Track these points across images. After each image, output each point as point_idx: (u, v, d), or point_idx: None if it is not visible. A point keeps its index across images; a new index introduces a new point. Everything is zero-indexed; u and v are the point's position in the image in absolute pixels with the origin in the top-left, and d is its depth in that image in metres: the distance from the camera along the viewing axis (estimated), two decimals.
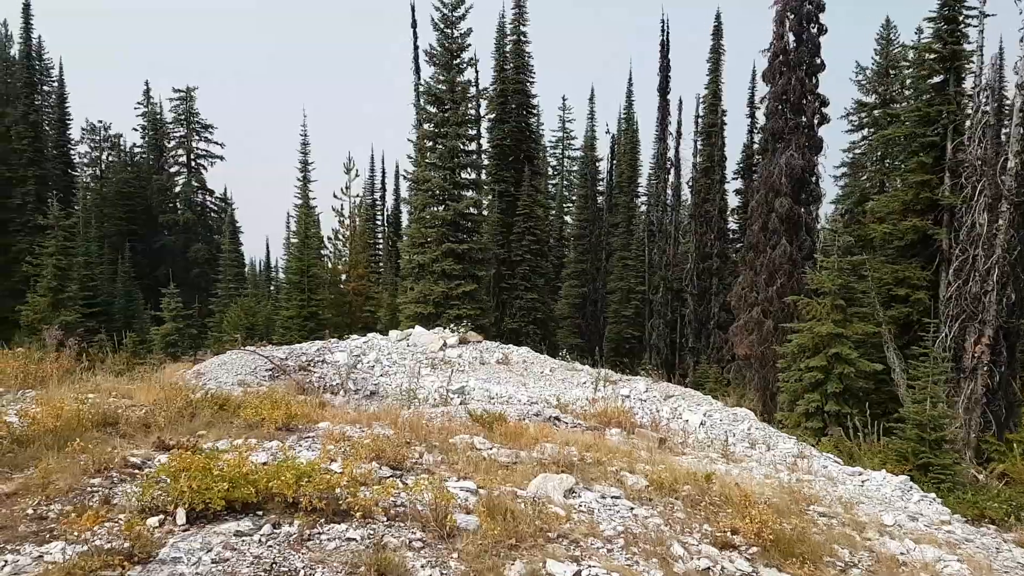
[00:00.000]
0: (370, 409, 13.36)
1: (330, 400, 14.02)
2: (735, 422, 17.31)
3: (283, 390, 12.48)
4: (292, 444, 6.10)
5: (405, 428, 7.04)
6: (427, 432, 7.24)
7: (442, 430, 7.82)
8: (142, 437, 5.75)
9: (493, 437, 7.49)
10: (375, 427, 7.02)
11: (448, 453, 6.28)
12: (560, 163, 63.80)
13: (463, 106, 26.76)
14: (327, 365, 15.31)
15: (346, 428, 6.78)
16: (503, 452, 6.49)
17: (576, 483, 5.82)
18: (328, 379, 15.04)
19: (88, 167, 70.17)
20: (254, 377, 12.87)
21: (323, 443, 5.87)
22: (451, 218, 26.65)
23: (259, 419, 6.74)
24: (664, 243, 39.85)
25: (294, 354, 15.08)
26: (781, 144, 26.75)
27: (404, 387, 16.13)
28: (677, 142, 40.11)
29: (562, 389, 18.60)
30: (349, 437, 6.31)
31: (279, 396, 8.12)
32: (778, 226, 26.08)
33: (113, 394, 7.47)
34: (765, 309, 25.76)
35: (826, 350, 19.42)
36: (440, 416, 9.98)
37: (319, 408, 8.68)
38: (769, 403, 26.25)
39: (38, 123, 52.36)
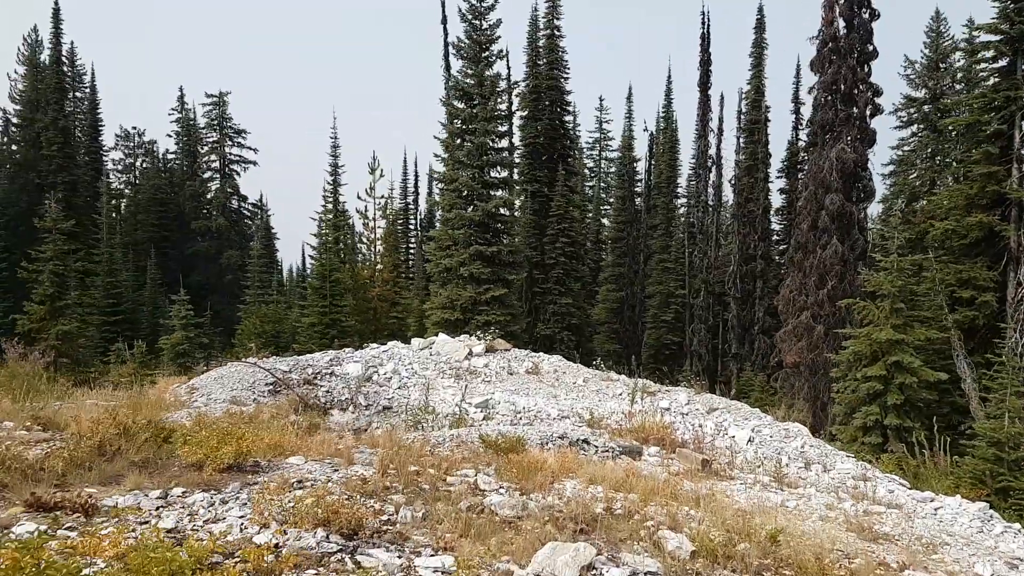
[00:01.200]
0: (378, 430, 12.18)
1: (336, 418, 12.90)
2: (787, 438, 15.81)
3: (280, 407, 11.39)
4: (229, 496, 4.90)
5: (391, 465, 5.79)
6: (422, 467, 6.00)
7: (443, 463, 6.60)
8: (21, 488, 4.52)
9: (504, 473, 6.23)
10: (356, 464, 5.81)
11: (437, 503, 5.03)
12: (597, 165, 62.46)
13: (492, 101, 25.58)
14: (335, 378, 14.20)
15: (315, 467, 5.58)
16: (509, 502, 5.19)
17: (597, 553, 4.36)
18: (336, 393, 13.94)
19: (122, 173, 70.73)
20: (251, 393, 11.80)
21: (265, 496, 4.63)
22: (480, 219, 25.46)
23: (202, 458, 5.54)
24: (705, 245, 38.13)
25: (299, 366, 13.99)
26: (831, 137, 25.02)
27: (421, 402, 14.98)
28: (719, 139, 38.42)
29: (596, 401, 17.36)
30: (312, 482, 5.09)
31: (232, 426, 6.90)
32: (828, 224, 24.35)
33: (28, 423, 6.34)
34: (815, 313, 24.03)
35: (885, 358, 17.72)
36: (449, 442, 8.78)
37: (305, 434, 7.52)
38: (820, 414, 24.50)
39: (68, 129, 52.53)
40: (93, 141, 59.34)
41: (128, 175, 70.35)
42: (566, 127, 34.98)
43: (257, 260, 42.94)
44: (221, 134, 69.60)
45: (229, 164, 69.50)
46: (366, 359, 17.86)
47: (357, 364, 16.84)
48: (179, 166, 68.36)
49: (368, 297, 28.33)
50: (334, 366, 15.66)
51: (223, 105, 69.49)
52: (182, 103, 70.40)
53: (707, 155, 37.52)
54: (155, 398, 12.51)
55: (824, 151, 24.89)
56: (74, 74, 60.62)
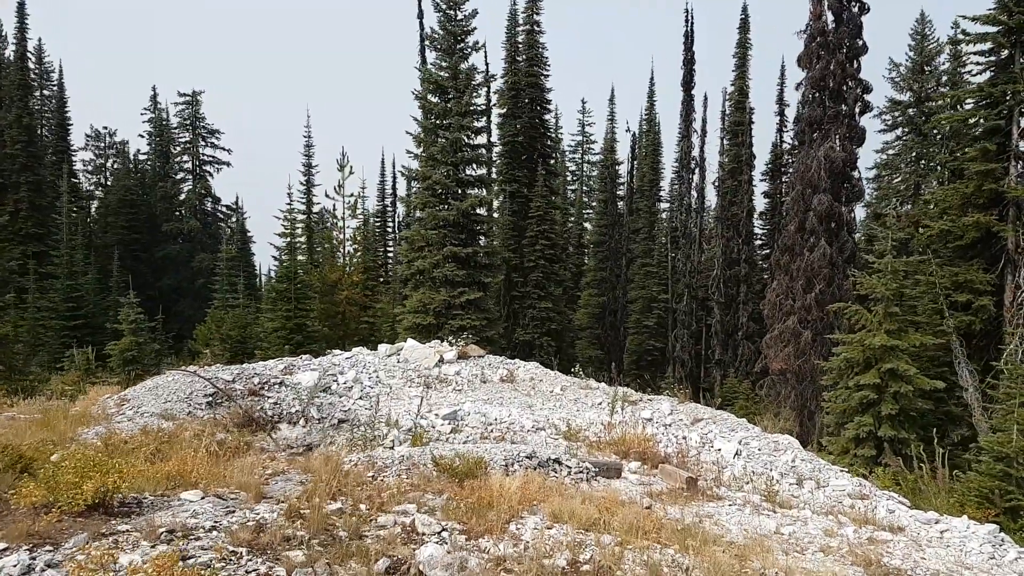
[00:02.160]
0: (332, 446, 10.94)
1: (284, 433, 11.65)
2: (776, 452, 14.77)
3: (216, 422, 10.12)
4: (54, 559, 3.66)
5: (308, 502, 4.60)
6: (355, 501, 4.81)
7: (383, 493, 5.41)
8: None
9: (452, 509, 5.06)
10: (265, 500, 4.61)
11: (349, 560, 3.84)
12: (580, 168, 61.66)
13: (467, 95, 24.41)
14: (286, 388, 12.93)
15: (208, 507, 4.38)
16: (444, 559, 3.98)
17: None
18: (286, 405, 12.66)
19: (92, 174, 69.15)
20: (186, 405, 10.51)
21: (85, 567, 3.40)
22: (454, 218, 24.26)
23: (49, 498, 4.30)
24: (688, 248, 37.19)
25: (244, 375, 12.72)
26: (819, 135, 24.13)
27: (383, 413, 13.76)
28: (702, 141, 37.50)
29: (574, 411, 16.07)
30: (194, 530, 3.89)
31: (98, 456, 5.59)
32: (816, 226, 23.42)
33: None
34: (802, 318, 23.07)
35: (879, 365, 16.73)
36: (398, 464, 7.59)
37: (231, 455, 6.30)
38: (807, 423, 23.53)
39: (32, 127, 50.76)
40: (61, 140, 57.77)
41: (99, 176, 68.81)
42: (546, 126, 33.92)
43: (226, 263, 41.37)
44: (194, 134, 68.07)
45: (202, 165, 67.98)
46: (325, 367, 16.59)
47: (314, 372, 15.57)
48: (151, 167, 66.62)
49: (336, 301, 26.99)
50: (286, 375, 14.39)
51: (196, 104, 67.94)
52: (155, 103, 68.83)
53: (690, 156, 36.61)
54: (80, 411, 11.20)
55: (812, 150, 23.99)
56: (41, 71, 59.05)
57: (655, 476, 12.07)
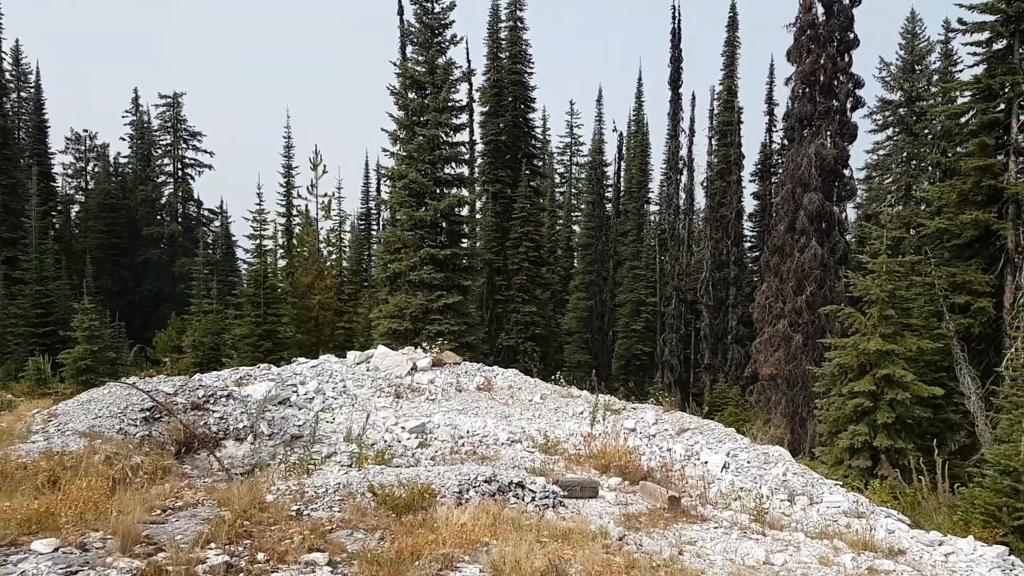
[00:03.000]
0: (282, 465, 9.98)
1: (229, 450, 10.67)
2: (766, 464, 13.95)
3: (145, 443, 9.13)
4: None
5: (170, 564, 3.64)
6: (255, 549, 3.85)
7: (296, 535, 4.45)
8: None
9: (373, 556, 4.11)
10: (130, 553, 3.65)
11: None
12: (568, 170, 60.91)
13: (445, 90, 23.48)
14: (234, 401, 11.92)
15: (46, 566, 3.43)
16: None
17: None
18: (234, 420, 11.66)
19: (73, 178, 68.07)
20: (119, 421, 9.51)
21: None
22: (432, 219, 23.31)
23: None
24: (676, 250, 36.32)
25: (189, 387, 11.71)
26: (809, 131, 23.33)
27: (343, 427, 12.79)
28: (690, 140, 36.68)
29: (553, 421, 14.74)
30: None
31: None
32: (807, 225, 22.59)
33: None
34: (793, 321, 22.22)
35: (874, 371, 15.87)
36: (331, 494, 6.63)
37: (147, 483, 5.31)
38: (799, 431, 22.67)
39: (8, 129, 49.59)
40: (38, 143, 56.71)
41: (79, 180, 67.71)
42: (530, 125, 33.00)
43: (203, 267, 40.21)
44: (175, 136, 66.97)
45: (184, 168, 66.85)
46: (284, 377, 15.59)
47: (271, 383, 14.57)
48: (132, 170, 65.47)
49: (309, 306, 25.94)
50: (241, 385, 13.37)
51: (177, 107, 66.87)
52: (137, 105, 67.69)
53: (678, 156, 35.77)
54: (5, 427, 10.18)
55: (802, 147, 23.18)
56: (19, 73, 57.91)
57: (635, 494, 11.16)
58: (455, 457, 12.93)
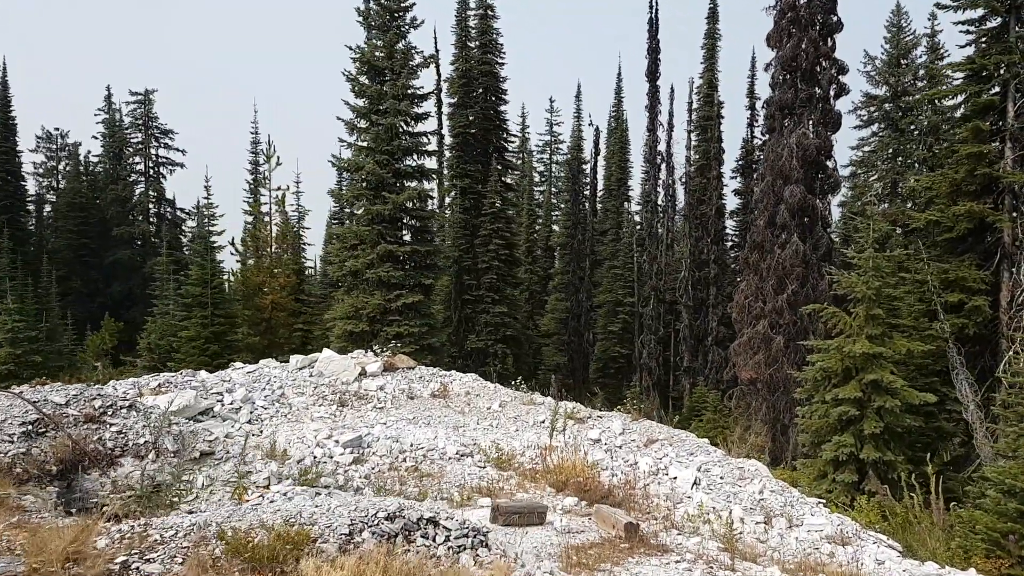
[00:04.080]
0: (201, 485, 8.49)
1: (126, 469, 9.09)
2: (741, 480, 12.54)
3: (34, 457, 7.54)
4: None
5: None
6: None
7: None
8: None
9: None
10: None
11: None
12: (548, 168, 59.57)
13: (405, 77, 21.94)
14: (136, 413, 10.31)
15: None
16: None
17: None
18: (134, 434, 10.05)
19: (44, 177, 66.36)
20: None
21: None
22: (390, 213, 21.72)
23: None
24: (655, 249, 34.91)
25: (85, 396, 10.10)
26: (790, 120, 21.97)
27: (274, 441, 11.24)
28: (669, 135, 35.30)
29: (511, 432, 13.48)
30: None
31: None
32: (788, 220, 21.22)
33: None
34: (773, 322, 20.82)
35: (860, 376, 14.46)
36: (181, 537, 5.12)
37: None
38: (780, 439, 21.26)
39: None
40: (5, 140, 55.00)
41: (50, 179, 66.01)
42: (502, 118, 31.48)
43: (165, 267, 38.43)
44: (146, 134, 65.13)
45: (155, 166, 65.09)
46: (209, 384, 14.00)
47: (192, 391, 12.98)
48: (103, 169, 63.78)
49: (261, 306, 24.31)
50: (156, 394, 11.82)
51: (148, 104, 64.98)
52: (109, 103, 65.94)
53: (656, 151, 34.38)
54: None
55: (783, 136, 21.81)
56: None
57: (589, 519, 9.67)
58: (393, 475, 11.49)
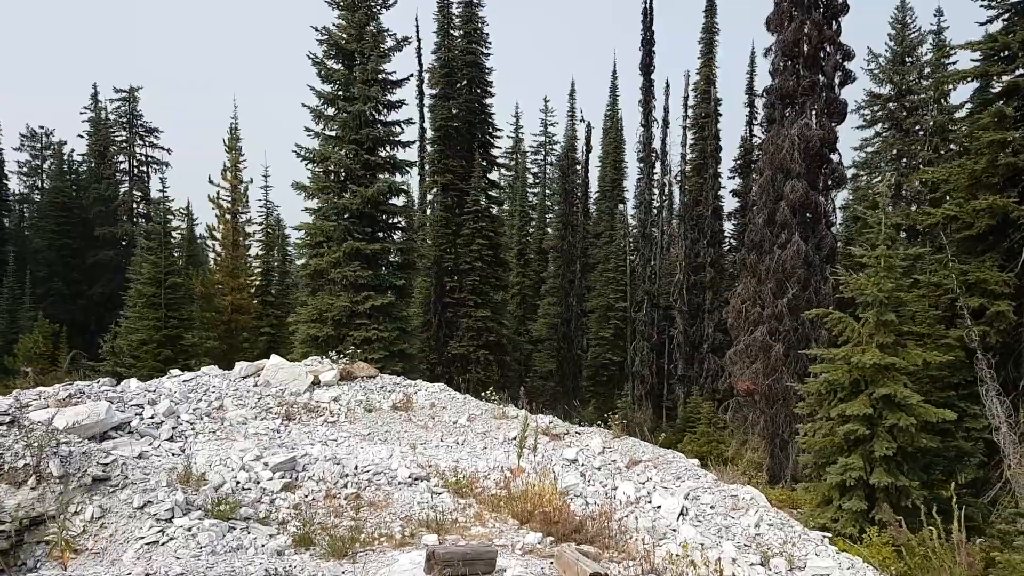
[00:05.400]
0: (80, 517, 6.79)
1: None
2: (735, 510, 11.15)
3: None
4: None
5: None
6: None
7: None
8: None
9: None
10: None
11: None
12: (542, 170, 57.99)
13: (375, 60, 20.29)
14: (18, 430, 8.59)
15: None
16: None
17: None
18: (13, 456, 8.35)
19: (28, 176, 65.16)
20: None
21: None
22: (358, 207, 20.04)
23: None
24: (649, 251, 33.21)
25: None
26: (791, 110, 20.32)
27: (188, 464, 9.54)
28: (664, 132, 33.65)
29: (478, 450, 12.10)
30: None
31: None
32: (789, 218, 19.53)
33: None
34: (772, 329, 19.10)
35: (870, 390, 12.77)
36: None
37: None
38: (779, 455, 19.51)
39: None
40: None
41: (34, 178, 64.75)
42: (488, 111, 29.81)
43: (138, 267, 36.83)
44: (131, 132, 63.64)
45: (140, 165, 63.64)
46: (129, 396, 12.25)
47: (107, 403, 11.22)
48: (87, 168, 62.50)
49: (220, 308, 22.61)
50: (65, 405, 10.13)
51: (133, 101, 63.50)
52: (95, 100, 64.53)
53: (650, 148, 32.71)
54: None
55: (783, 127, 20.14)
56: None
57: (549, 566, 7.98)
58: (330, 504, 9.78)
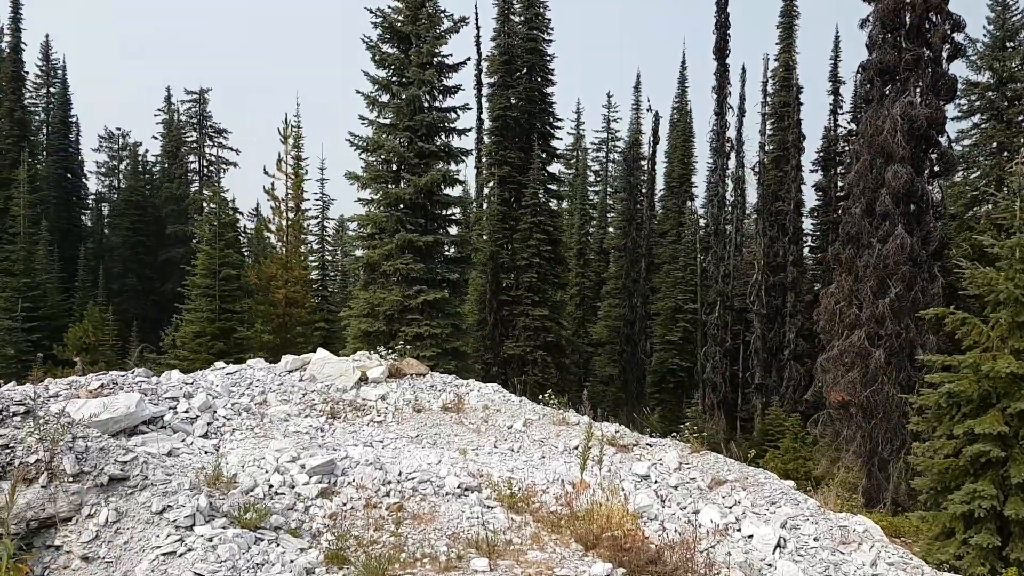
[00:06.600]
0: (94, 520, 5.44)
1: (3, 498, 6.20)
2: (845, 545, 9.48)
3: None
4: None
5: None
6: None
7: None
8: None
9: None
10: None
11: None
12: (604, 168, 56.24)
13: (430, 42, 19.04)
14: (33, 422, 7.48)
15: None
16: None
17: None
18: (24, 450, 7.27)
19: (105, 176, 67.92)
20: None
21: None
22: (411, 197, 18.81)
23: None
24: (721, 249, 31.01)
25: None
26: (892, 87, 18.14)
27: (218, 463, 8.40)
28: (739, 121, 31.38)
29: (535, 459, 10.74)
30: None
31: None
32: (891, 208, 17.34)
33: None
34: (872, 332, 16.95)
35: (1004, 404, 10.68)
36: None
37: None
38: (878, 476, 17.30)
39: (25, 121, 48.02)
40: (63, 138, 55.68)
41: (111, 178, 67.37)
42: (548, 100, 28.26)
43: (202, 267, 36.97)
44: (200, 133, 65.30)
45: (209, 166, 65.20)
46: (164, 388, 11.18)
47: (139, 395, 10.13)
48: (160, 168, 64.59)
49: (274, 301, 21.79)
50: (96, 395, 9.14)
51: (203, 103, 65.17)
52: (168, 103, 66.85)
53: (724, 138, 30.55)
54: None
55: (883, 107, 17.95)
56: (48, 68, 57.59)
57: None
58: (370, 515, 8.43)
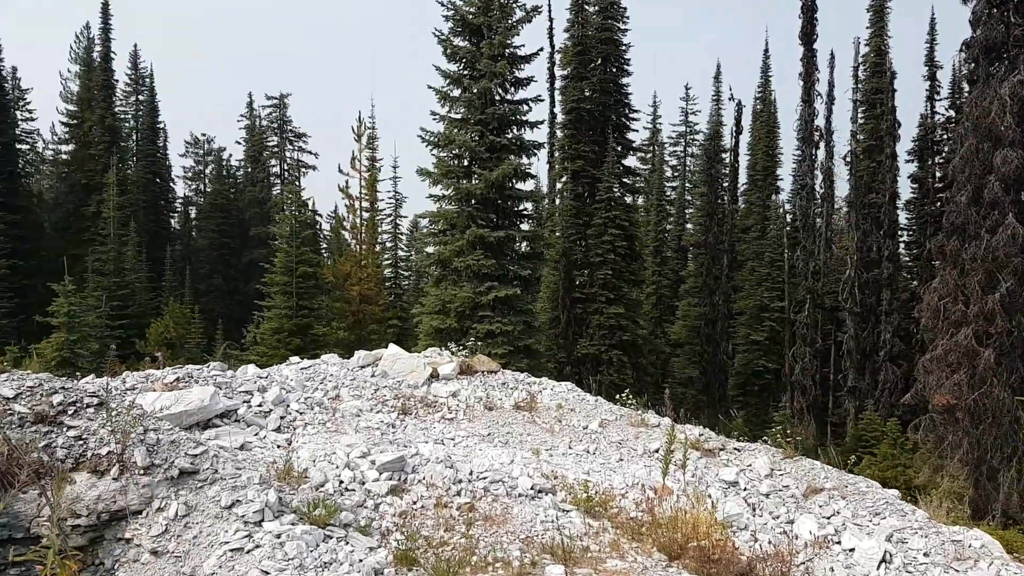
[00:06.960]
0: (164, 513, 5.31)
1: (79, 488, 6.27)
2: (959, 562, 8.22)
3: None
4: None
5: None
6: None
7: None
8: None
9: None
10: None
11: None
12: (682, 163, 54.75)
13: (502, 33, 18.64)
14: (106, 414, 7.46)
15: None
16: None
17: None
18: (97, 442, 7.30)
19: (192, 180, 70.96)
20: None
21: None
22: (482, 192, 18.47)
23: None
24: (811, 244, 29.45)
25: (42, 390, 7.45)
26: (1001, 66, 16.66)
27: (288, 458, 8.31)
28: (828, 109, 29.71)
29: (612, 462, 10.30)
30: None
31: None
32: (1000, 195, 15.90)
33: None
34: (980, 330, 15.55)
35: None
36: None
37: None
38: (986, 486, 15.88)
39: (116, 128, 50.43)
40: (150, 143, 58.31)
41: (197, 183, 70.28)
42: (623, 91, 27.37)
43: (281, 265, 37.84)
44: (281, 138, 67.27)
45: (289, 169, 67.14)
46: (239, 382, 11.14)
47: (214, 388, 10.10)
48: (243, 172, 66.96)
49: (348, 298, 21.91)
50: (170, 388, 9.17)
51: (283, 108, 67.10)
52: (251, 108, 69.17)
53: (812, 127, 28.98)
54: None
55: (990, 87, 16.50)
56: (137, 76, 60.09)
57: None
58: (440, 514, 8.21)
